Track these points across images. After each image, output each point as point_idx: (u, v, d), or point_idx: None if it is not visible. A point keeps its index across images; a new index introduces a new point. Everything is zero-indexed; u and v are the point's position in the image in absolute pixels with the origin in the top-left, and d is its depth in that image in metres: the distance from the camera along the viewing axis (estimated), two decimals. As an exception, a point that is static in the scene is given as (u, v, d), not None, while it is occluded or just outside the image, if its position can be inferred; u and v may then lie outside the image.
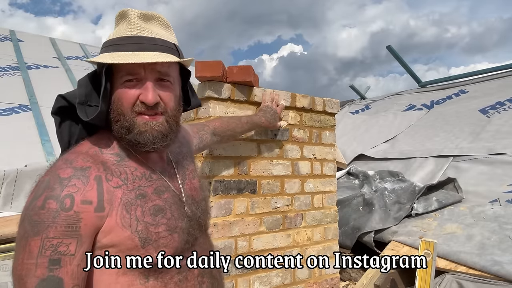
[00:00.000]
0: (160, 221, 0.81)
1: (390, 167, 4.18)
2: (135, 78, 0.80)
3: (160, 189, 0.85)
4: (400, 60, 6.08)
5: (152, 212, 0.81)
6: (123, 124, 0.81)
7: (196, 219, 0.92)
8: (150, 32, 0.82)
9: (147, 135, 0.81)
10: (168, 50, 0.83)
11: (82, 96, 0.82)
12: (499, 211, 2.79)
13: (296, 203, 2.12)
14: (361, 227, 2.89)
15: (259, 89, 1.98)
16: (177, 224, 0.85)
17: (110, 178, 0.78)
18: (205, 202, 0.99)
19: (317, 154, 2.25)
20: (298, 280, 2.08)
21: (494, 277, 2.05)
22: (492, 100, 4.56)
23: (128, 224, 0.77)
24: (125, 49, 0.79)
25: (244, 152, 1.92)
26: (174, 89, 0.87)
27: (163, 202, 0.84)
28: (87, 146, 0.83)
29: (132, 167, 0.83)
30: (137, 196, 0.80)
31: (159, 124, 0.82)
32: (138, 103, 0.80)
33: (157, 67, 0.81)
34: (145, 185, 0.83)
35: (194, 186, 0.97)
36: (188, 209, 0.90)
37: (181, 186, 0.92)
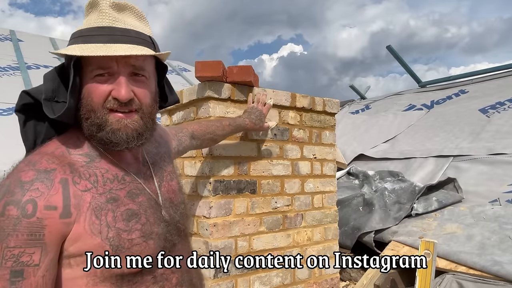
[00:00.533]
0: (133, 226, 0.76)
1: (390, 167, 4.18)
2: (106, 73, 0.74)
3: (134, 192, 0.79)
4: (400, 60, 6.08)
5: (124, 217, 0.75)
6: (94, 121, 0.75)
7: (175, 224, 0.86)
8: (124, 23, 0.76)
9: (120, 134, 0.75)
10: (143, 42, 0.77)
11: (49, 92, 0.75)
12: (499, 211, 2.79)
13: (296, 203, 2.11)
14: (361, 227, 2.89)
15: (259, 89, 1.97)
16: (152, 229, 0.79)
17: (77, 181, 0.72)
18: (184, 205, 0.93)
19: (317, 154, 2.25)
20: (298, 280, 2.08)
21: (494, 277, 2.05)
22: (492, 100, 4.55)
23: (97, 231, 0.71)
24: (96, 40, 0.73)
25: (244, 152, 1.92)
26: (150, 84, 0.81)
27: (137, 206, 0.78)
28: (53, 146, 0.76)
29: (103, 169, 0.77)
30: (108, 200, 0.74)
31: (133, 122, 0.77)
32: (110, 99, 0.74)
33: (131, 60, 0.75)
34: (117, 188, 0.77)
35: (173, 188, 0.91)
36: (166, 213, 0.84)
37: (157, 189, 0.86)
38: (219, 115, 1.83)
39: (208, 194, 1.79)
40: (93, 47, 0.71)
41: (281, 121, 2.08)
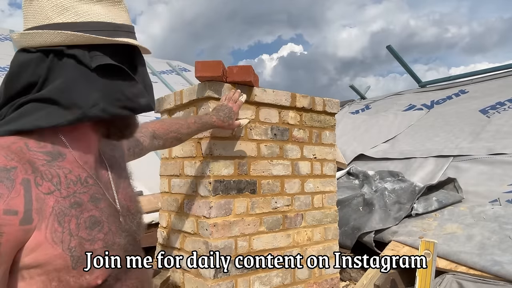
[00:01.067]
0: (96, 236, 0.68)
1: (390, 167, 4.18)
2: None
3: (97, 197, 0.72)
4: (400, 60, 6.08)
5: (88, 225, 0.68)
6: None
7: (131, 234, 0.79)
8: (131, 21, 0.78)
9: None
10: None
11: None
12: (499, 211, 2.79)
13: (296, 203, 2.11)
14: (361, 227, 2.89)
15: (259, 89, 1.97)
16: (115, 240, 0.72)
17: (40, 182, 0.64)
18: (140, 215, 0.86)
19: (317, 154, 2.24)
20: (298, 280, 2.08)
21: (494, 277, 2.04)
22: (492, 100, 4.55)
23: (59, 240, 0.63)
24: (133, 37, 0.74)
25: (244, 152, 1.92)
26: None
27: (100, 213, 0.71)
28: (10, 140, 0.65)
29: (66, 169, 0.69)
30: (72, 204, 0.67)
31: None
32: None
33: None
34: (81, 191, 0.70)
35: (129, 196, 0.85)
36: (124, 222, 0.78)
37: (115, 195, 0.79)
38: (219, 115, 1.83)
39: (208, 194, 1.79)
40: (132, 41, 0.73)
41: (281, 121, 2.08)
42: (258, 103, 1.98)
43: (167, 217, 2.14)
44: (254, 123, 1.97)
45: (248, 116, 1.95)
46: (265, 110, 2.01)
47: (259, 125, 1.98)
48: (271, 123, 2.04)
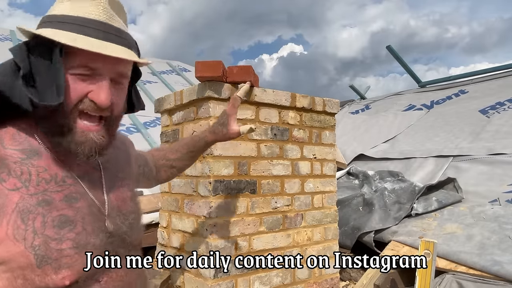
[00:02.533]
0: (66, 235, 0.66)
1: (390, 167, 4.18)
2: (90, 71, 0.67)
3: (73, 196, 0.71)
4: (400, 60, 6.08)
5: (56, 224, 0.66)
6: (58, 121, 0.68)
7: (120, 235, 0.77)
8: (119, 23, 0.70)
9: (82, 147, 0.69)
10: (131, 46, 0.72)
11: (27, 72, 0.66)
12: (499, 211, 2.79)
13: (296, 203, 2.12)
14: (361, 227, 2.89)
15: (259, 89, 1.98)
16: (88, 240, 0.69)
17: (5, 178, 0.64)
18: (135, 215, 0.84)
19: (317, 154, 2.25)
20: (298, 280, 2.08)
21: (494, 277, 2.05)
22: (492, 100, 4.56)
23: (22, 237, 0.63)
24: (91, 34, 0.66)
25: (244, 152, 1.92)
26: (125, 92, 0.76)
27: (74, 212, 0.69)
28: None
29: (40, 167, 0.68)
30: (39, 202, 0.66)
31: (100, 136, 0.71)
32: (86, 100, 0.67)
33: (120, 66, 0.69)
34: (53, 190, 0.68)
35: (123, 196, 0.83)
36: (111, 223, 0.76)
37: (105, 195, 0.78)
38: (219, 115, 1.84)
39: (208, 194, 1.79)
40: (88, 41, 0.65)
41: (281, 121, 2.08)
42: (258, 103, 1.98)
43: (167, 217, 2.14)
44: (254, 123, 1.97)
45: (248, 116, 1.95)
46: (265, 110, 2.01)
47: (259, 125, 1.99)
48: (271, 123, 2.04)
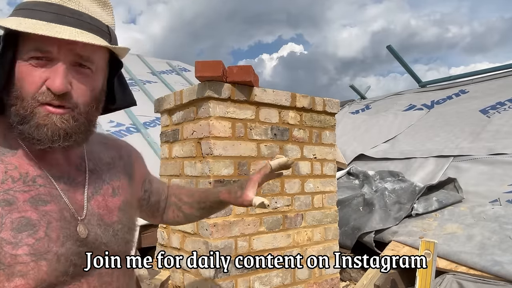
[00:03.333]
0: (23, 240, 0.61)
1: (390, 167, 4.18)
2: (44, 57, 0.63)
3: (42, 198, 0.65)
4: (400, 60, 6.08)
5: (15, 227, 0.61)
6: (19, 111, 0.64)
7: (95, 245, 0.71)
8: (78, 4, 0.65)
9: (45, 130, 0.64)
10: (96, 30, 0.66)
11: None
12: (500, 211, 2.79)
13: (296, 203, 2.11)
14: (361, 227, 2.89)
15: (259, 89, 1.97)
16: (50, 247, 0.63)
17: None
18: (122, 227, 0.77)
19: (317, 154, 2.24)
20: (298, 280, 2.08)
21: (494, 277, 2.04)
22: (493, 100, 4.55)
23: None
24: (39, 17, 0.62)
25: (244, 152, 1.91)
26: (95, 79, 0.69)
27: (39, 216, 0.64)
28: None
29: (10, 165, 0.65)
30: (0, 201, 0.62)
31: (63, 120, 0.65)
32: (44, 90, 0.63)
33: (76, 48, 0.64)
34: (18, 190, 0.64)
35: (108, 205, 0.76)
36: (84, 230, 0.69)
37: (85, 200, 0.72)
38: (219, 115, 1.83)
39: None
40: (34, 24, 0.61)
41: (281, 121, 2.08)
42: (258, 103, 1.97)
43: (167, 217, 2.14)
44: (254, 123, 1.97)
45: (248, 116, 1.95)
46: (265, 110, 2.01)
47: (259, 125, 1.98)
48: (271, 123, 2.03)
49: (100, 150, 0.83)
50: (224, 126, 1.85)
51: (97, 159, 0.80)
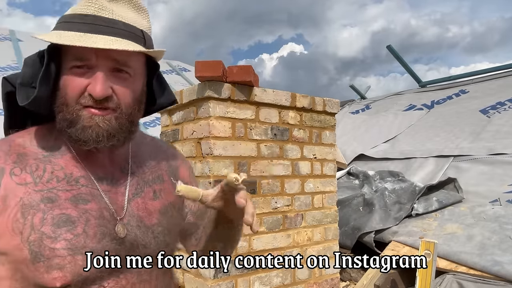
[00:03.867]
0: (62, 235, 0.65)
1: (390, 167, 4.18)
2: (85, 65, 0.67)
3: (83, 197, 0.70)
4: (400, 60, 6.08)
5: (55, 222, 0.65)
6: (65, 116, 0.68)
7: (133, 245, 0.74)
8: (111, 13, 0.69)
9: (90, 131, 0.68)
10: (131, 36, 0.70)
11: (26, 77, 0.70)
12: (500, 211, 2.79)
13: (296, 203, 2.11)
14: (361, 227, 2.89)
15: (259, 89, 1.97)
16: (87, 243, 0.67)
17: (17, 172, 0.67)
18: (162, 229, 0.79)
19: (317, 154, 2.24)
20: (298, 280, 2.08)
21: (494, 277, 2.04)
22: (493, 100, 4.55)
23: (19, 231, 0.63)
24: (76, 28, 0.67)
25: (244, 152, 1.91)
26: (133, 82, 0.73)
27: (78, 213, 0.68)
28: (19, 135, 0.73)
29: (57, 165, 0.70)
30: (43, 199, 0.66)
31: (106, 121, 0.69)
32: (86, 95, 0.68)
33: (113, 54, 0.67)
34: (61, 189, 0.68)
35: (148, 208, 0.78)
36: (123, 230, 0.73)
37: (126, 201, 0.75)
38: (219, 115, 1.83)
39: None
40: (71, 36, 0.65)
41: (281, 121, 2.08)
42: (258, 103, 1.97)
43: (167, 217, 2.14)
44: (254, 123, 1.97)
45: (248, 116, 1.94)
46: (265, 110, 2.01)
47: (259, 125, 1.98)
48: (271, 123, 2.03)
49: (146, 153, 0.86)
50: (224, 126, 1.85)
51: (141, 162, 0.83)
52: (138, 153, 0.84)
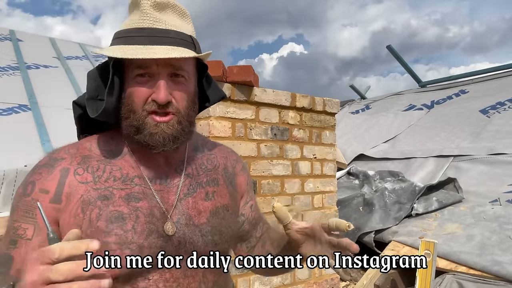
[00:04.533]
0: (114, 230, 0.71)
1: (390, 167, 4.18)
2: (147, 73, 0.75)
3: (136, 196, 0.76)
4: (400, 60, 6.08)
5: (108, 218, 0.72)
6: (132, 123, 0.75)
7: (182, 243, 0.78)
8: (164, 23, 0.76)
9: (157, 137, 0.75)
10: (183, 43, 0.77)
11: (92, 91, 0.78)
12: (500, 211, 2.79)
13: (296, 203, 2.11)
14: (361, 227, 2.89)
15: (259, 89, 1.97)
16: (134, 239, 0.72)
17: (80, 172, 0.74)
18: (212, 229, 0.82)
19: (317, 154, 2.24)
20: (298, 280, 2.08)
21: (494, 277, 2.04)
22: (493, 100, 4.55)
23: (78, 225, 0.71)
24: (136, 42, 0.74)
25: (244, 152, 1.91)
26: (188, 85, 0.80)
27: (130, 210, 0.74)
28: (86, 140, 0.81)
29: (115, 166, 0.77)
30: (100, 196, 0.73)
31: (169, 126, 0.76)
32: (150, 101, 0.75)
33: (170, 61, 0.75)
34: (117, 187, 0.75)
35: (198, 207, 0.82)
36: (172, 228, 0.77)
37: (176, 200, 0.80)
38: (219, 115, 1.83)
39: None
40: (133, 49, 0.72)
41: (281, 121, 2.08)
42: (258, 103, 1.97)
43: (167, 217, 2.14)
44: (254, 123, 1.97)
45: (248, 116, 1.95)
46: (265, 110, 2.01)
47: (259, 125, 1.98)
48: (271, 123, 2.03)
49: (203, 156, 0.90)
50: (224, 126, 1.85)
51: (197, 164, 0.88)
52: (195, 155, 0.89)
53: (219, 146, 0.98)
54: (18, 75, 4.92)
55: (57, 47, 6.60)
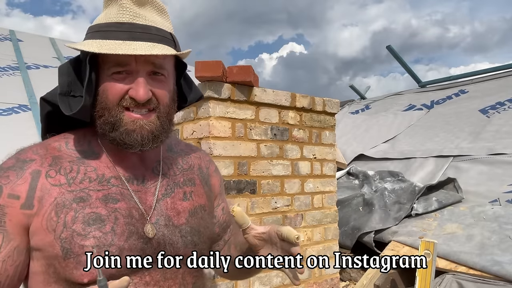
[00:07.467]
0: (92, 232, 0.68)
1: (390, 167, 4.18)
2: (124, 70, 0.70)
3: (113, 196, 0.72)
4: (400, 60, 6.08)
5: (85, 220, 0.68)
6: (108, 120, 0.71)
7: (161, 244, 0.76)
8: (144, 19, 0.72)
9: (135, 135, 0.71)
10: (164, 40, 0.73)
11: (64, 86, 0.73)
12: (499, 211, 2.79)
13: (296, 203, 2.11)
14: (361, 227, 2.89)
15: (259, 89, 1.97)
16: (114, 241, 0.69)
17: (52, 174, 0.70)
18: (191, 230, 0.81)
19: (317, 154, 2.24)
20: (298, 280, 2.08)
21: (494, 277, 2.04)
22: (492, 100, 4.55)
23: (52, 228, 0.67)
24: (115, 37, 0.69)
25: (244, 152, 1.91)
26: (168, 83, 0.76)
27: (108, 212, 0.71)
28: (55, 139, 0.77)
29: (90, 167, 0.74)
30: (75, 198, 0.69)
31: (150, 123, 0.72)
32: (127, 97, 0.71)
33: (151, 59, 0.71)
34: (93, 189, 0.71)
35: (177, 207, 0.80)
36: (152, 229, 0.74)
37: (154, 201, 0.77)
38: (219, 115, 1.83)
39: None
40: (112, 44, 0.68)
41: (281, 121, 2.08)
42: (258, 103, 1.98)
43: (167, 217, 2.14)
44: (254, 123, 1.97)
45: (248, 116, 1.95)
46: (265, 110, 2.01)
47: (259, 125, 1.98)
48: (271, 123, 2.04)
49: (178, 157, 0.88)
50: (224, 126, 1.85)
51: (173, 164, 0.85)
52: (171, 155, 0.86)
53: (192, 146, 0.97)
54: (18, 75, 4.92)
55: (57, 47, 6.60)
